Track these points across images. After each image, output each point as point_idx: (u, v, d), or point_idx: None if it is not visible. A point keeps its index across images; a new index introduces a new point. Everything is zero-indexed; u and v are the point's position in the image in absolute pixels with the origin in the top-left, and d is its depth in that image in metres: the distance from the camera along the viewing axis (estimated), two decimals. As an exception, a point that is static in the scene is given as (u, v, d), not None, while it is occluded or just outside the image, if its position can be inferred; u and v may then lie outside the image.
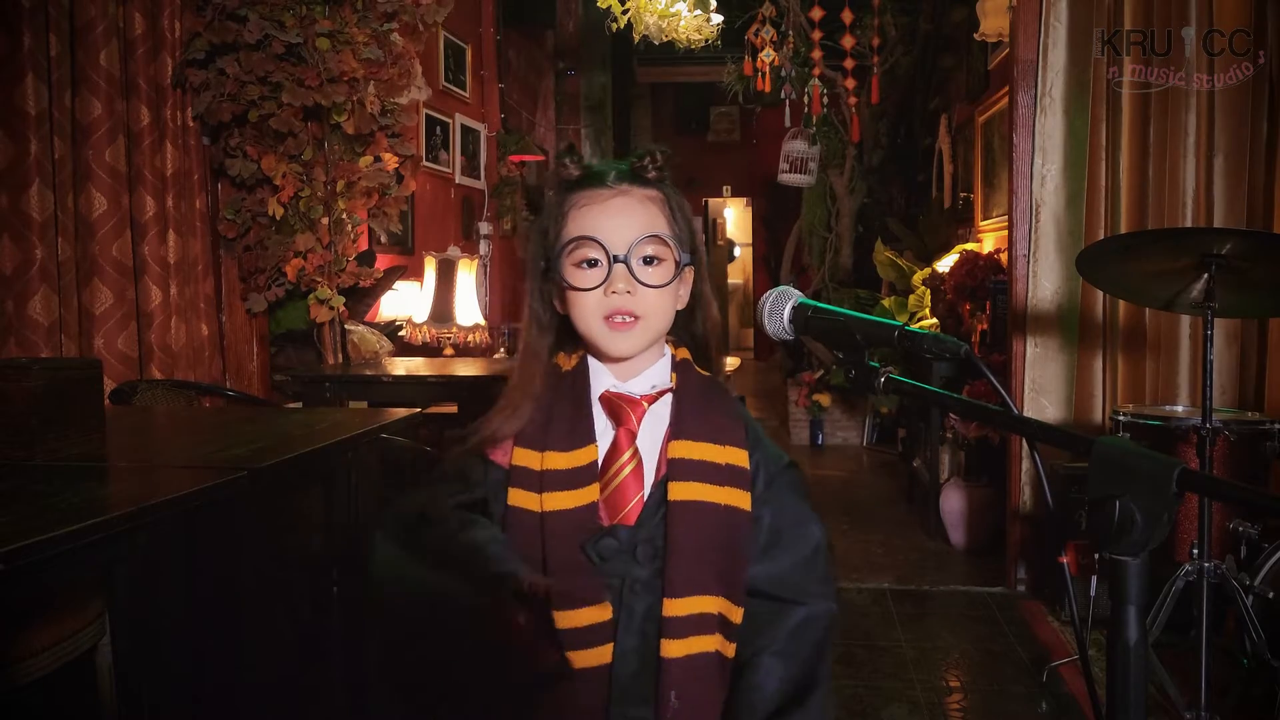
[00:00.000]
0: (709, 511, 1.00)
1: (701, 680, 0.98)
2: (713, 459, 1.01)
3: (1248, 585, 2.21)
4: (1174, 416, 2.60)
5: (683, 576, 0.98)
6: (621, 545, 1.00)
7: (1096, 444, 0.72)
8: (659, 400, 1.04)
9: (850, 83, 5.41)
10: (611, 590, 0.99)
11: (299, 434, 1.87)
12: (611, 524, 1.00)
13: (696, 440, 1.02)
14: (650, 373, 1.06)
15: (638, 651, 0.99)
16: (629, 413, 1.03)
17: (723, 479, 1.01)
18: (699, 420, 1.03)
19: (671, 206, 1.05)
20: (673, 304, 1.05)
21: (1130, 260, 2.29)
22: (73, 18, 2.68)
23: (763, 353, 11.11)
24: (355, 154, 3.27)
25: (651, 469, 1.03)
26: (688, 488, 1.00)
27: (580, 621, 0.98)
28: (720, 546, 1.00)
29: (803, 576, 1.04)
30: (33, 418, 1.56)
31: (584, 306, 1.01)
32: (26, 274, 2.57)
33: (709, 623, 0.99)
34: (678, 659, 0.97)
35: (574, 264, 1.01)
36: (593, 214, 1.01)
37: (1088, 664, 0.90)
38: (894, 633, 2.96)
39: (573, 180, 1.04)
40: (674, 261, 1.03)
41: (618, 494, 1.01)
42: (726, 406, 1.06)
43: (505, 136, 6.12)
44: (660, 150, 1.05)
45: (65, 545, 1.15)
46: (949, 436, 4.08)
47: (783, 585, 1.03)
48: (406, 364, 3.60)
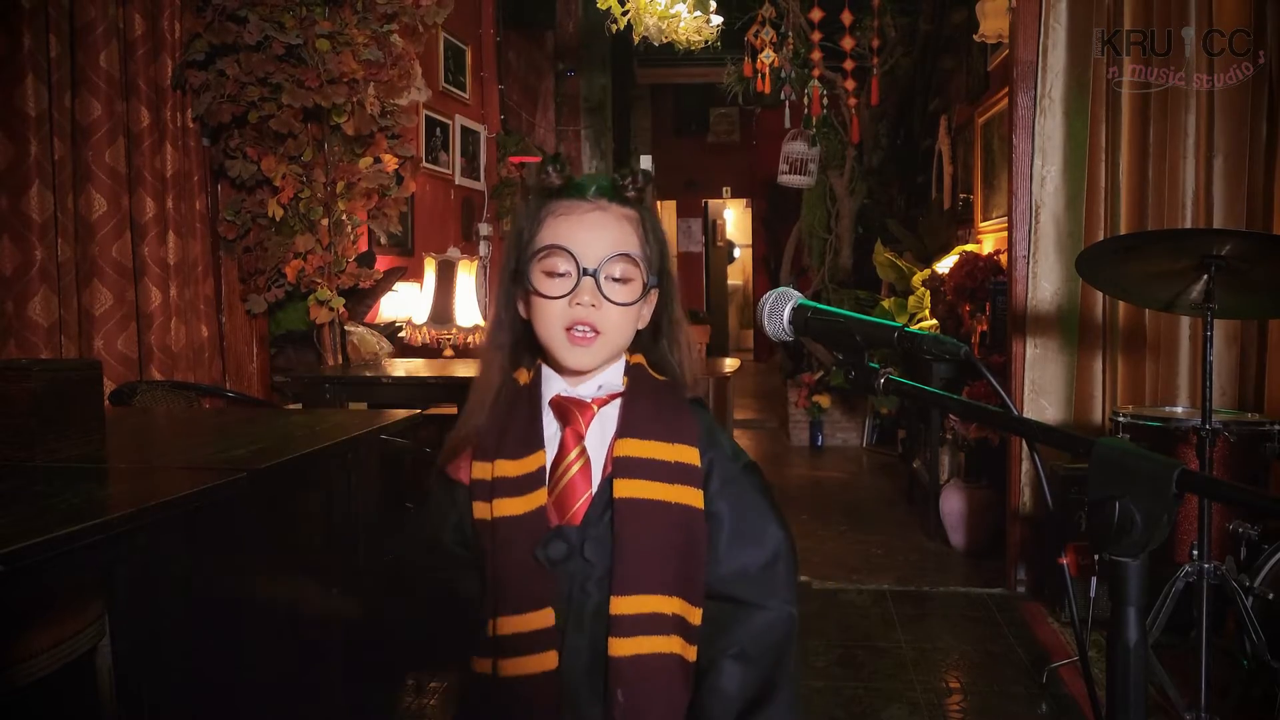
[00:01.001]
0: (656, 509, 1.00)
1: (654, 680, 0.98)
2: (661, 456, 1.02)
3: (1247, 586, 2.21)
4: (1174, 417, 2.60)
5: (630, 574, 0.99)
6: (571, 546, 1.00)
7: (1096, 445, 0.73)
8: (609, 404, 1.05)
9: (850, 84, 5.41)
10: (561, 593, 1.00)
11: (299, 435, 1.87)
12: (559, 525, 1.01)
13: (644, 439, 1.02)
14: (600, 376, 1.07)
15: (587, 650, 1.00)
16: (576, 414, 1.04)
17: (672, 476, 1.01)
18: (647, 419, 1.04)
19: (646, 228, 1.06)
20: (634, 324, 1.06)
21: (1130, 261, 2.29)
22: (73, 19, 2.69)
23: (762, 354, 11.12)
24: (355, 155, 3.27)
25: (599, 469, 1.03)
26: (633, 485, 1.00)
27: (524, 627, 0.99)
28: (671, 544, 1.00)
29: (763, 579, 1.03)
30: (33, 418, 1.55)
31: (547, 314, 1.02)
32: (26, 275, 2.57)
33: (662, 623, 0.99)
34: (626, 657, 0.97)
35: (543, 271, 1.02)
36: (568, 225, 1.02)
37: (1088, 665, 0.89)
38: (894, 634, 2.96)
39: (554, 189, 1.05)
40: (641, 282, 1.04)
41: (565, 494, 1.02)
42: (677, 406, 1.06)
43: (505, 138, 6.12)
44: (644, 172, 1.06)
45: (65, 546, 1.15)
46: (949, 437, 4.08)
47: (742, 587, 1.03)
48: (406, 365, 3.60)
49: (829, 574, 3.56)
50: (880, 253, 5.82)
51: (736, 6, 5.55)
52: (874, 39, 5.40)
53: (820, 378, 6.20)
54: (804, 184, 6.59)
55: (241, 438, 1.85)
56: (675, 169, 10.51)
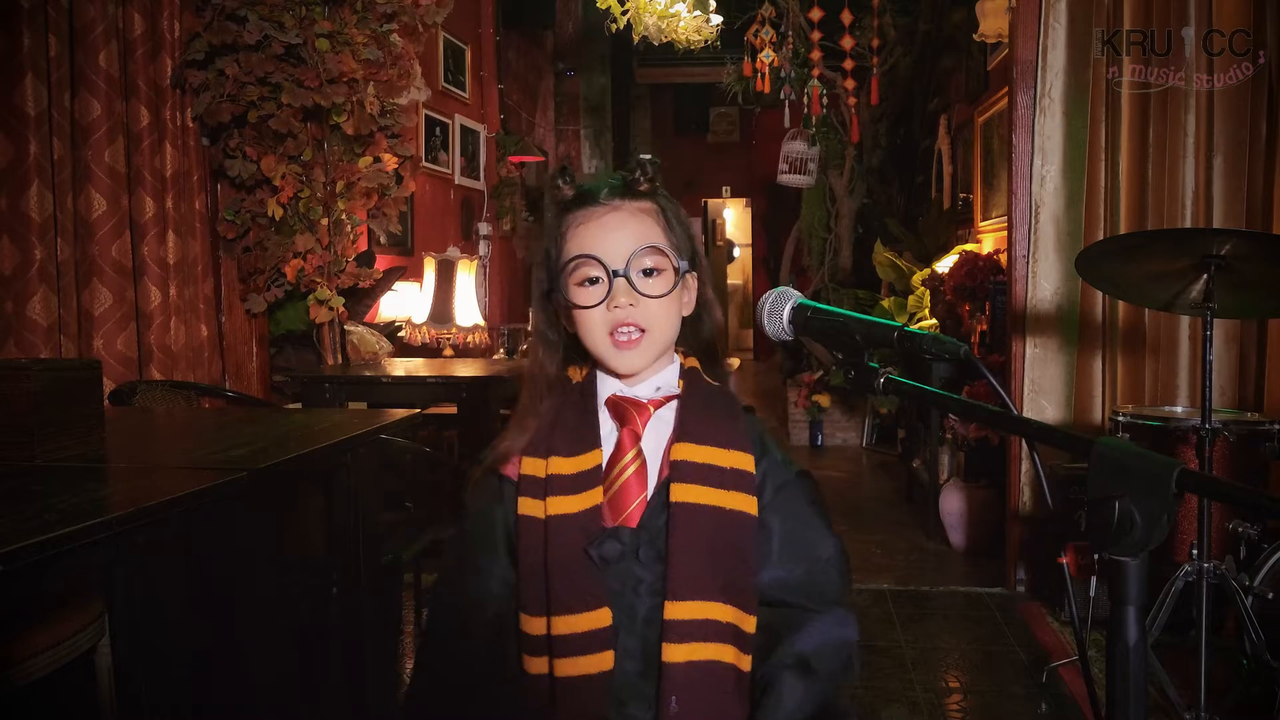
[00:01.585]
0: (712, 514, 0.99)
1: (706, 687, 0.97)
2: (717, 462, 1.01)
3: (1247, 586, 2.21)
4: (1173, 417, 2.60)
5: (684, 579, 0.98)
6: (624, 547, 1.00)
7: (1096, 445, 0.73)
8: (665, 405, 1.05)
9: (850, 83, 5.41)
10: (613, 594, 0.99)
11: (298, 435, 1.87)
12: (614, 526, 1.00)
13: (700, 444, 1.02)
14: (657, 379, 1.06)
15: (638, 654, 0.99)
16: (634, 414, 1.04)
17: (727, 483, 1.01)
18: (704, 425, 1.03)
19: (667, 216, 1.06)
20: (677, 313, 1.06)
21: (1130, 261, 2.29)
22: (72, 18, 2.69)
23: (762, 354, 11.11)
24: (355, 155, 3.28)
25: (655, 472, 1.03)
26: (690, 490, 1.00)
27: (579, 627, 0.98)
28: (724, 550, 0.99)
29: (817, 585, 1.04)
30: (33, 418, 1.56)
31: (589, 324, 1.02)
32: (26, 275, 2.57)
33: (716, 630, 0.98)
34: (679, 664, 0.97)
35: (575, 283, 1.03)
36: (589, 232, 1.03)
37: (1087, 665, 0.89)
38: (894, 633, 2.96)
39: (568, 200, 1.05)
40: (673, 270, 1.04)
41: (620, 495, 1.01)
42: (733, 412, 1.06)
43: (505, 137, 6.12)
44: (651, 161, 1.05)
45: (65, 545, 1.15)
46: (948, 437, 4.08)
47: (797, 594, 1.03)
48: (406, 365, 3.60)
49: (829, 574, 3.56)
50: (880, 252, 5.82)
51: (736, 6, 5.56)
52: (874, 39, 5.40)
53: (820, 377, 6.20)
54: (804, 183, 6.59)
55: (241, 437, 1.85)
56: (675, 168, 10.51)
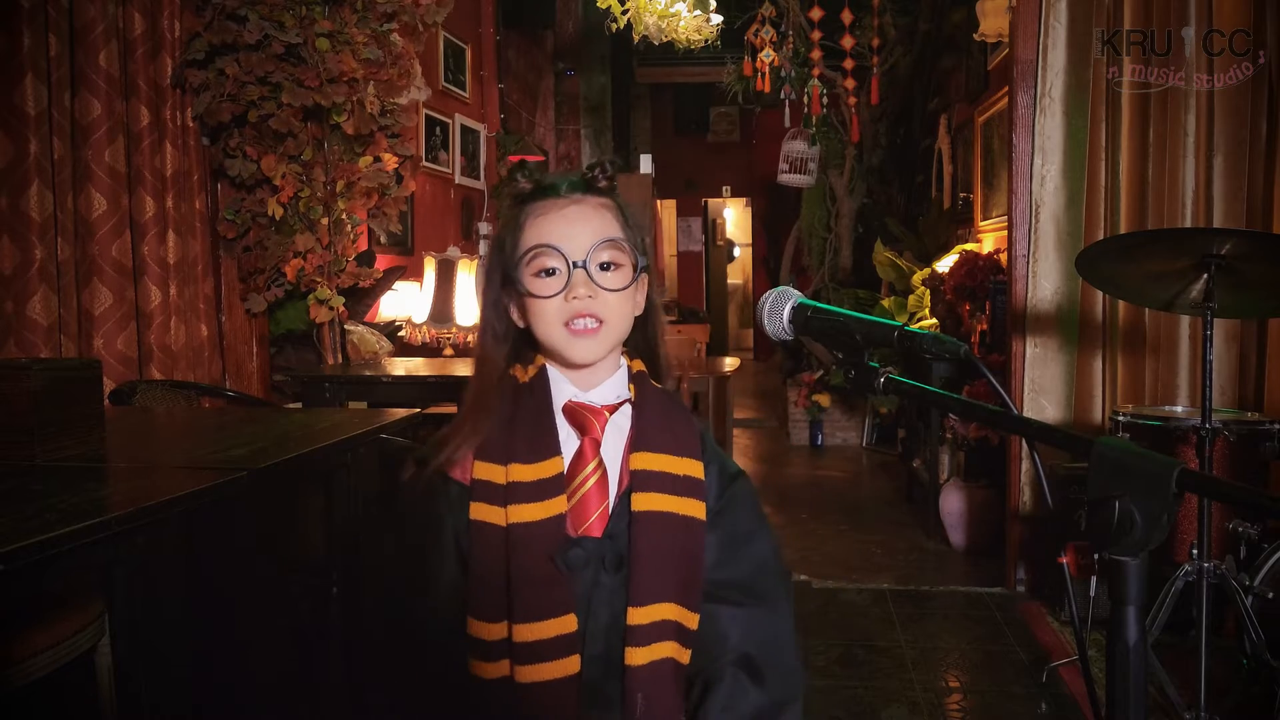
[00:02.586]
0: (670, 521, 1.02)
1: (663, 685, 1.00)
2: (672, 470, 1.03)
3: (1247, 585, 2.21)
4: (1173, 417, 2.60)
5: (647, 585, 1.00)
6: (589, 555, 1.01)
7: (1096, 444, 0.73)
8: (618, 411, 1.06)
9: (850, 83, 5.41)
10: (577, 600, 1.00)
11: (298, 434, 1.87)
12: (577, 534, 1.01)
13: (657, 452, 1.03)
14: (610, 383, 1.07)
15: (602, 659, 1.01)
16: (593, 422, 1.04)
17: (680, 490, 1.03)
18: (659, 433, 1.05)
19: (624, 214, 1.07)
20: (631, 309, 1.06)
21: (1130, 260, 2.29)
22: (72, 18, 2.68)
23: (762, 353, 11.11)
24: (355, 154, 3.27)
25: (614, 479, 1.04)
26: (651, 498, 1.02)
27: (546, 634, 0.98)
28: (680, 556, 1.02)
29: (757, 583, 1.06)
30: (33, 418, 1.56)
31: (545, 314, 1.02)
32: (26, 274, 2.57)
33: (668, 630, 1.01)
34: (642, 665, 0.99)
35: (533, 273, 1.02)
36: (549, 222, 1.03)
37: (1087, 664, 0.89)
38: (894, 633, 2.96)
39: (527, 193, 1.06)
40: (631, 266, 1.04)
41: (582, 504, 1.02)
42: (683, 418, 1.08)
43: (505, 137, 6.12)
44: (610, 161, 1.07)
45: (65, 545, 1.15)
46: (949, 437, 4.08)
47: (737, 592, 1.05)
48: (406, 364, 3.60)
49: (829, 573, 3.56)
50: (880, 252, 5.82)
51: (736, 5, 5.55)
52: (874, 38, 5.40)
53: (820, 377, 6.20)
54: (804, 183, 6.59)
55: (241, 437, 1.85)
56: (675, 168, 10.51)
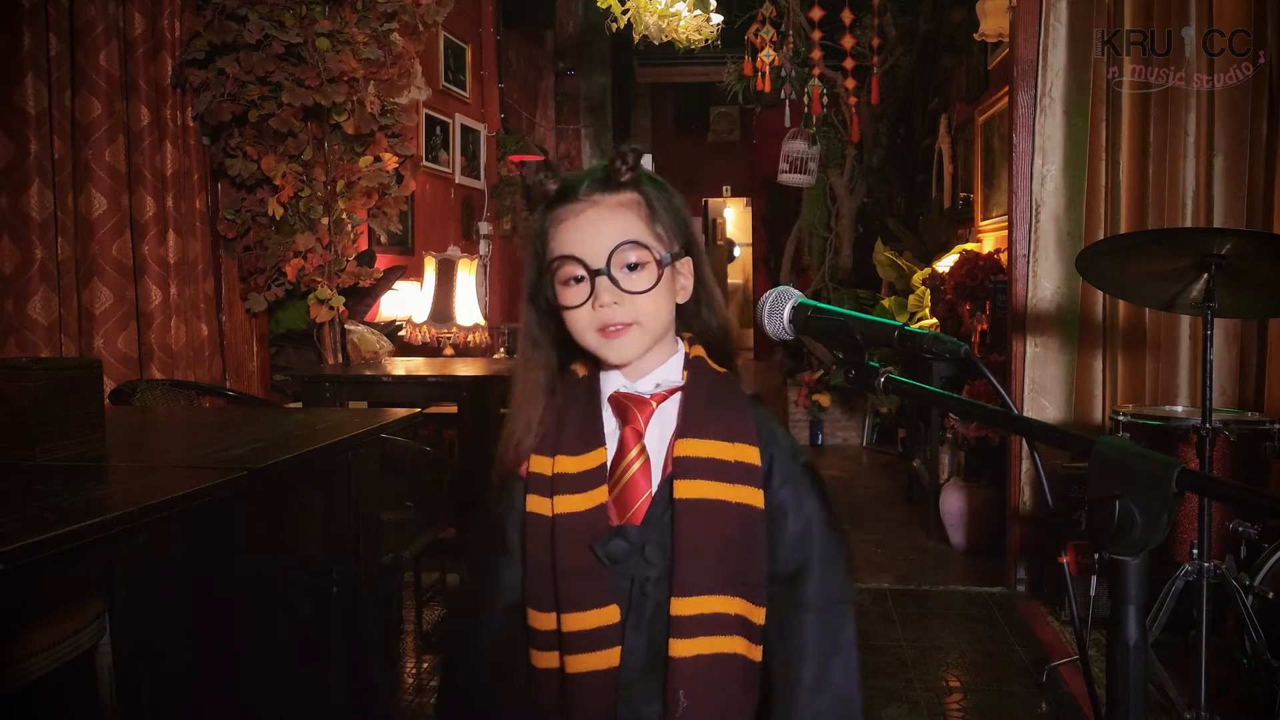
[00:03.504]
0: (717, 509, 0.99)
1: (714, 680, 0.98)
2: (720, 456, 1.00)
3: (1247, 585, 2.21)
4: (1174, 417, 2.60)
5: (690, 575, 0.98)
6: (631, 545, 1.00)
7: (1096, 444, 0.72)
8: (668, 399, 1.04)
9: (850, 83, 5.41)
10: (620, 591, 1.00)
11: (299, 434, 1.87)
12: (620, 524, 1.01)
13: (703, 438, 1.01)
14: (659, 371, 1.05)
15: (645, 651, 0.99)
16: (635, 411, 1.03)
17: (732, 476, 1.00)
18: (707, 418, 1.02)
19: (651, 205, 1.03)
20: (668, 302, 1.04)
21: (1130, 260, 2.29)
22: (72, 17, 2.68)
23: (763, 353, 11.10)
24: (355, 154, 3.27)
25: (659, 468, 1.02)
26: (694, 485, 0.99)
27: (588, 624, 0.98)
28: (731, 544, 0.99)
29: (825, 580, 1.03)
30: (33, 418, 1.55)
31: (577, 323, 1.02)
32: (26, 274, 2.57)
33: (724, 623, 0.98)
34: (686, 658, 0.97)
35: (560, 283, 1.02)
36: (569, 230, 1.02)
37: (1088, 664, 0.89)
38: (894, 633, 2.96)
39: (550, 197, 1.04)
40: (656, 262, 1.02)
41: (625, 493, 1.02)
42: (737, 403, 1.05)
43: (505, 136, 6.12)
44: (632, 149, 1.03)
45: (65, 545, 1.15)
46: (949, 437, 4.08)
47: (801, 589, 1.02)
48: (406, 364, 3.60)
49: (829, 573, 3.56)
50: (880, 252, 5.81)
51: (736, 5, 5.55)
52: (874, 38, 5.40)
53: (820, 377, 6.20)
54: (804, 183, 6.59)
55: (241, 437, 1.85)
56: (675, 168, 10.50)
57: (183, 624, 1.44)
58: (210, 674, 1.50)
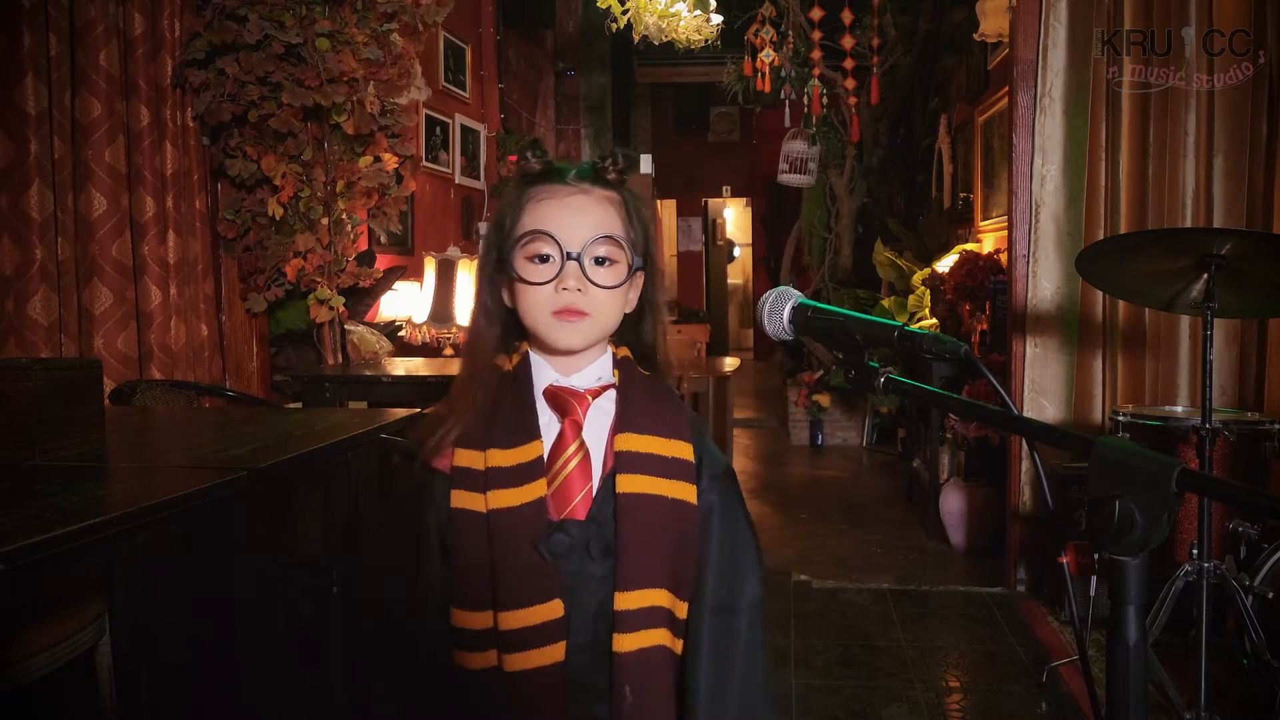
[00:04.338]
0: (658, 504, 1.00)
1: (654, 674, 0.99)
2: (659, 452, 1.02)
3: (1247, 585, 2.21)
4: (1173, 417, 2.60)
5: (634, 570, 0.98)
6: (573, 540, 0.99)
7: (1096, 444, 0.72)
8: (602, 395, 1.04)
9: (850, 83, 5.41)
10: (562, 587, 0.99)
11: (299, 434, 1.87)
12: (560, 519, 1.00)
13: (643, 433, 1.02)
14: (593, 368, 1.05)
15: (590, 647, 0.99)
16: (574, 404, 1.03)
17: (670, 472, 1.01)
18: (645, 414, 1.03)
19: (629, 210, 1.04)
20: (621, 306, 1.04)
21: (1130, 260, 2.29)
22: (72, 18, 2.68)
23: (762, 353, 11.11)
24: (355, 154, 3.27)
25: (598, 463, 1.02)
26: (636, 480, 1.00)
27: (530, 620, 0.97)
28: (669, 539, 1.00)
29: (738, 582, 1.04)
30: (33, 418, 1.55)
31: (533, 301, 1.01)
32: (26, 274, 2.56)
33: (658, 616, 0.99)
34: (630, 653, 0.97)
35: (526, 257, 1.01)
36: (550, 209, 1.01)
37: (1087, 664, 0.89)
38: (894, 633, 2.96)
39: (534, 174, 1.04)
40: (626, 265, 1.02)
41: (564, 487, 1.00)
42: (671, 401, 1.06)
43: (505, 137, 6.12)
44: (623, 153, 1.04)
45: (65, 545, 1.15)
46: (949, 437, 4.08)
47: (716, 584, 1.03)
48: (406, 364, 3.60)
49: (829, 573, 3.56)
50: (880, 252, 5.82)
51: (736, 5, 5.55)
52: (874, 38, 5.40)
53: (820, 377, 6.20)
54: (804, 183, 6.59)
55: (241, 437, 1.85)
56: (675, 168, 10.51)
57: (183, 624, 1.44)
58: (210, 674, 1.50)
